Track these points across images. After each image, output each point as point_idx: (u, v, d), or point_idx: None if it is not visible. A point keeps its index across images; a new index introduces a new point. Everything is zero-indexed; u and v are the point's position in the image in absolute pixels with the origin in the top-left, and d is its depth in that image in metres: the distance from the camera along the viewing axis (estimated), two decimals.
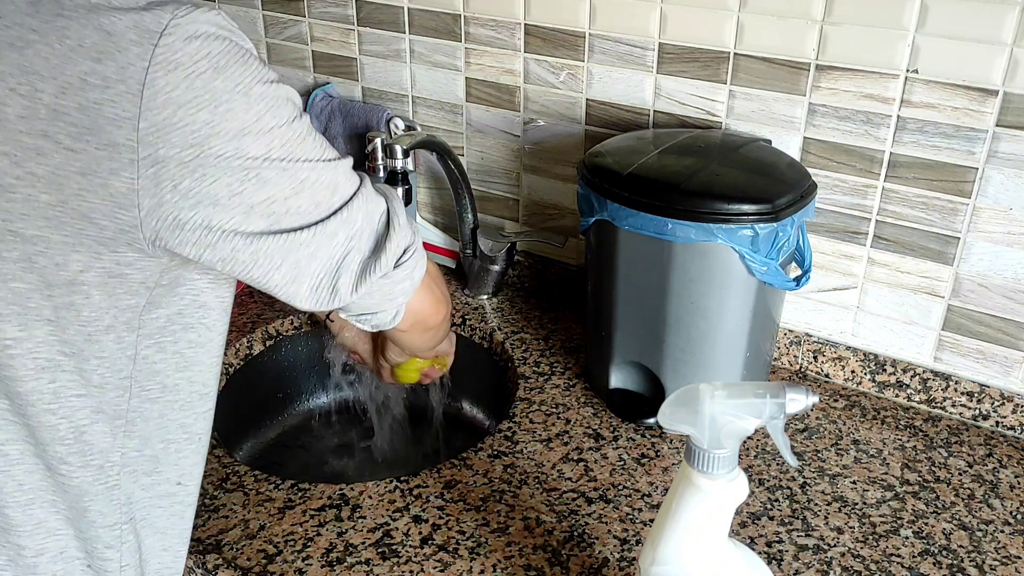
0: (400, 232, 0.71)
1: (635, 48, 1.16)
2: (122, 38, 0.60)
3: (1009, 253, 1.03)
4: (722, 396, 0.66)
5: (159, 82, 0.60)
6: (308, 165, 0.66)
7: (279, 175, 0.64)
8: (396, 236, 0.71)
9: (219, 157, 0.62)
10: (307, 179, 0.66)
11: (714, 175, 0.97)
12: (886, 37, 1.00)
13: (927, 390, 1.13)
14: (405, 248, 0.72)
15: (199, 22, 0.62)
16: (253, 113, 0.63)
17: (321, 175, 0.67)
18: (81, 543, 0.74)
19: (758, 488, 0.99)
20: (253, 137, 0.63)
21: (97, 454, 0.72)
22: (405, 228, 0.72)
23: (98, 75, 0.59)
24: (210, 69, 0.61)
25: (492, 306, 1.35)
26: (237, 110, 0.62)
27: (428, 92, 1.36)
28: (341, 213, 0.68)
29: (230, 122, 0.62)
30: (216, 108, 0.61)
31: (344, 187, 0.69)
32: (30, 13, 0.60)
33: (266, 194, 0.64)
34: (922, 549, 0.91)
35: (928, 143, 1.02)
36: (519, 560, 0.89)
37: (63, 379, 0.68)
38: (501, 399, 1.24)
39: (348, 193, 0.69)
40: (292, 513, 0.95)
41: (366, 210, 0.70)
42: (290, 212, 0.66)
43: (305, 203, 0.66)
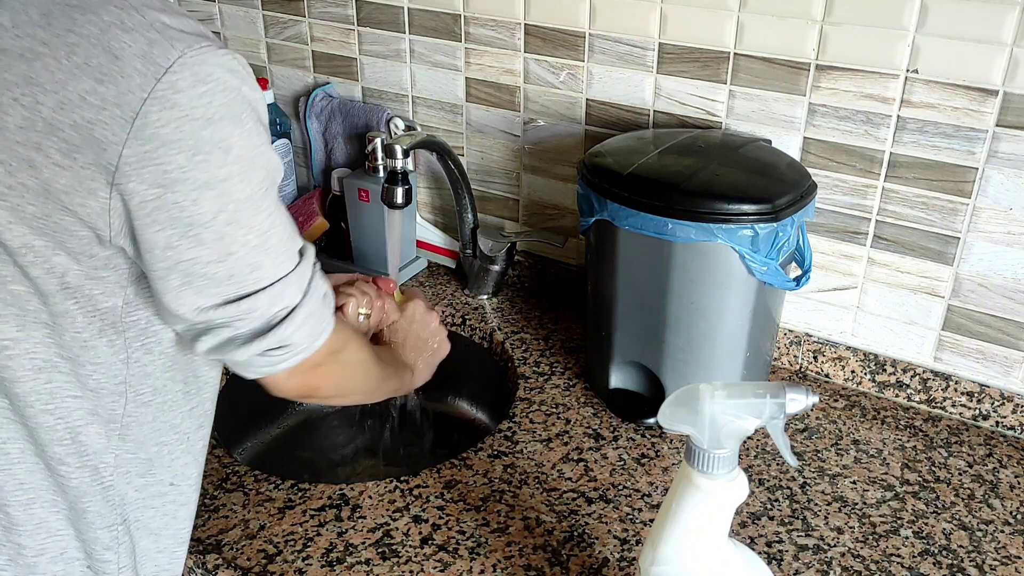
0: (287, 330, 0.70)
1: (635, 48, 1.16)
2: (128, 65, 0.60)
3: (1009, 253, 1.03)
4: (722, 396, 0.66)
5: (152, 116, 0.60)
6: (245, 239, 0.66)
7: (215, 240, 0.65)
8: (279, 333, 0.70)
9: (174, 205, 0.63)
10: (236, 253, 0.66)
11: (714, 175, 0.97)
12: (886, 37, 1.00)
13: (927, 390, 1.13)
14: (282, 345, 0.71)
15: (209, 64, 0.62)
16: (224, 171, 0.64)
17: (252, 256, 0.67)
18: (81, 544, 0.74)
19: (758, 488, 0.99)
20: (213, 195, 0.64)
21: (92, 455, 0.72)
22: (297, 327, 0.71)
23: (97, 95, 0.60)
24: (203, 118, 0.62)
25: (492, 306, 1.35)
26: (212, 163, 0.63)
27: (428, 92, 1.36)
28: (247, 300, 0.68)
29: (200, 172, 0.63)
30: (194, 156, 0.62)
31: (267, 271, 0.68)
32: (42, 25, 0.61)
33: (194, 254, 0.65)
34: (922, 549, 0.91)
35: (928, 143, 1.02)
36: (519, 560, 0.89)
37: (59, 380, 0.69)
38: (501, 399, 1.24)
39: (267, 279, 0.68)
40: (292, 513, 0.95)
41: (272, 298, 0.69)
42: (206, 276, 0.66)
43: (222, 273, 0.66)
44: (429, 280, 1.42)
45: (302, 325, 0.71)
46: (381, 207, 1.28)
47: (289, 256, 0.70)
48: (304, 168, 1.57)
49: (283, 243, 0.69)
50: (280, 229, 0.69)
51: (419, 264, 1.45)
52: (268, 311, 0.69)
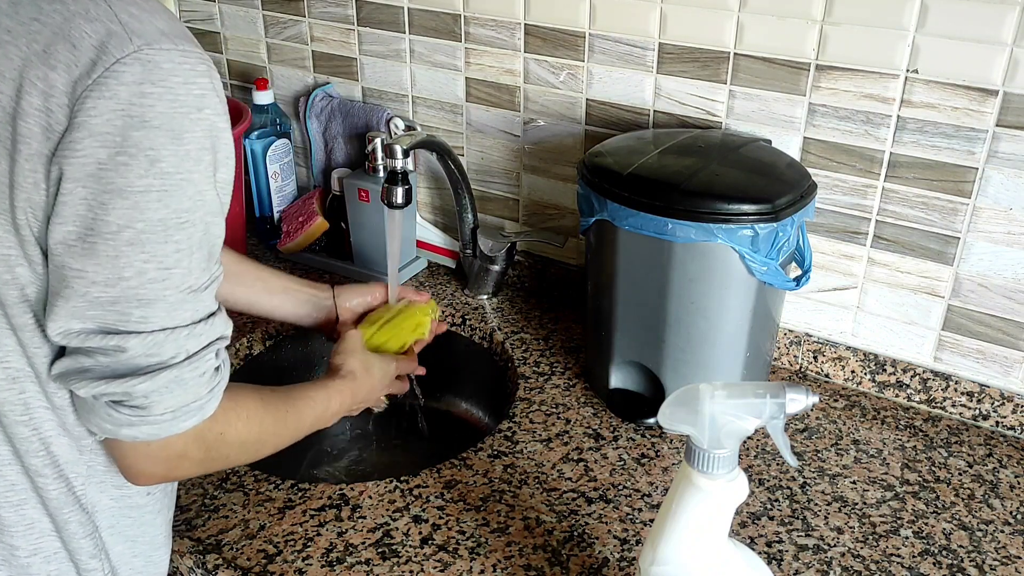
0: (148, 386, 0.63)
1: (635, 48, 1.16)
2: (83, 54, 0.58)
3: (1009, 253, 1.03)
4: (722, 396, 0.66)
5: (88, 102, 0.58)
6: (142, 267, 0.61)
7: (109, 258, 0.60)
8: (140, 387, 0.63)
9: (83, 201, 0.59)
10: (128, 280, 0.61)
11: (714, 175, 0.97)
12: (886, 37, 1.00)
13: (927, 390, 1.13)
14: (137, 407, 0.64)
15: (164, 69, 0.59)
16: (143, 183, 0.59)
17: (144, 288, 0.61)
18: (68, 552, 0.74)
19: (758, 488, 0.99)
20: (124, 205, 0.59)
21: (64, 465, 0.70)
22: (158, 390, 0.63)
23: (48, 82, 0.58)
24: (139, 118, 0.58)
25: (492, 306, 1.35)
26: (133, 169, 0.59)
27: (428, 92, 1.36)
28: (124, 337, 0.62)
29: (117, 176, 0.59)
30: (116, 155, 0.58)
31: (155, 318, 0.62)
32: (9, 13, 0.60)
33: (82, 266, 0.60)
34: (922, 549, 0.91)
35: (928, 143, 1.02)
36: (519, 560, 0.89)
37: (31, 391, 0.67)
38: (501, 399, 1.24)
39: (152, 325, 0.62)
40: (292, 513, 0.95)
41: (149, 347, 0.63)
42: (87, 297, 0.61)
43: (106, 298, 0.61)
44: (429, 280, 1.42)
45: (164, 390, 0.64)
46: (381, 207, 1.28)
47: (189, 310, 0.64)
48: (304, 168, 1.57)
49: (186, 292, 0.64)
50: (189, 276, 0.63)
51: (419, 264, 1.45)
52: (137, 359, 0.63)
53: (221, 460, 0.75)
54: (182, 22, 0.67)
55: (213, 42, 1.56)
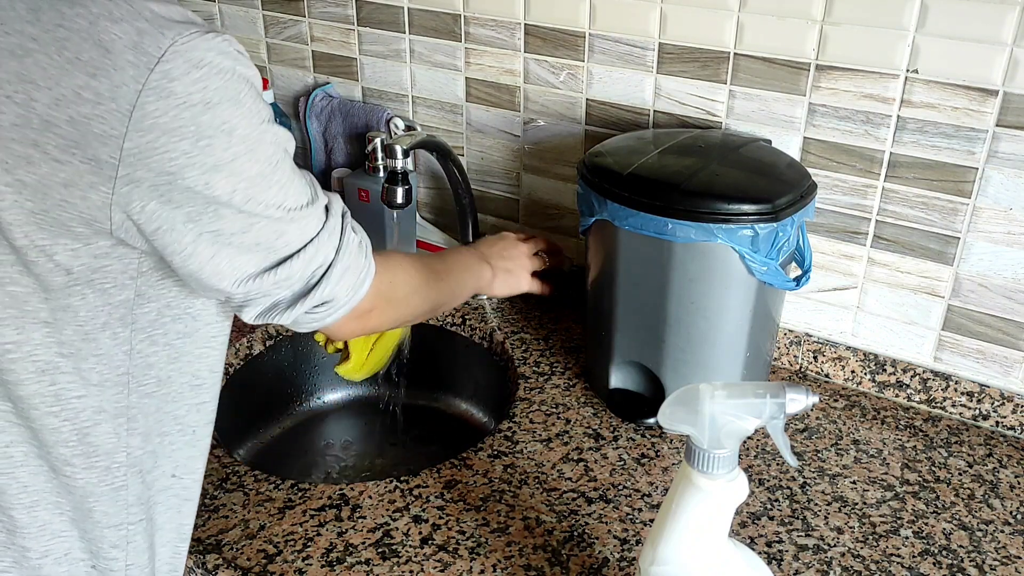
0: (327, 288, 0.73)
1: (635, 48, 1.16)
2: (120, 57, 0.60)
3: (1009, 253, 1.03)
4: (722, 396, 0.66)
5: (149, 106, 0.60)
6: (264, 212, 0.67)
7: (234, 215, 0.66)
8: (320, 292, 0.73)
9: (187, 189, 0.64)
10: (259, 225, 0.68)
11: (714, 175, 0.97)
12: (886, 37, 1.00)
13: (927, 390, 1.13)
14: (325, 301, 0.74)
15: (200, 50, 0.62)
16: (230, 153, 0.64)
17: (275, 225, 0.68)
18: (86, 544, 0.74)
19: (758, 488, 0.99)
20: (223, 176, 0.64)
21: (103, 455, 0.72)
22: (336, 282, 0.74)
23: (92, 90, 0.60)
24: (201, 103, 0.62)
25: (492, 306, 1.35)
26: (216, 147, 0.63)
27: (428, 92, 1.36)
28: (281, 267, 0.70)
29: (207, 157, 0.63)
30: (197, 141, 0.62)
31: (294, 237, 0.70)
32: (31, 21, 0.60)
33: (218, 226, 0.66)
34: (922, 549, 0.91)
35: (928, 143, 1.02)
36: (519, 560, 0.89)
37: (63, 381, 0.69)
38: (501, 399, 1.24)
39: (296, 244, 0.70)
40: (292, 513, 0.95)
41: (306, 260, 0.71)
42: (232, 244, 0.67)
43: (249, 241, 0.68)
44: None
45: (340, 280, 0.73)
46: (381, 207, 1.28)
47: (314, 218, 0.71)
48: (304, 168, 1.56)
49: (304, 208, 0.70)
50: (297, 196, 0.70)
51: None
52: (304, 273, 0.71)
53: (401, 304, 0.86)
54: None
55: None
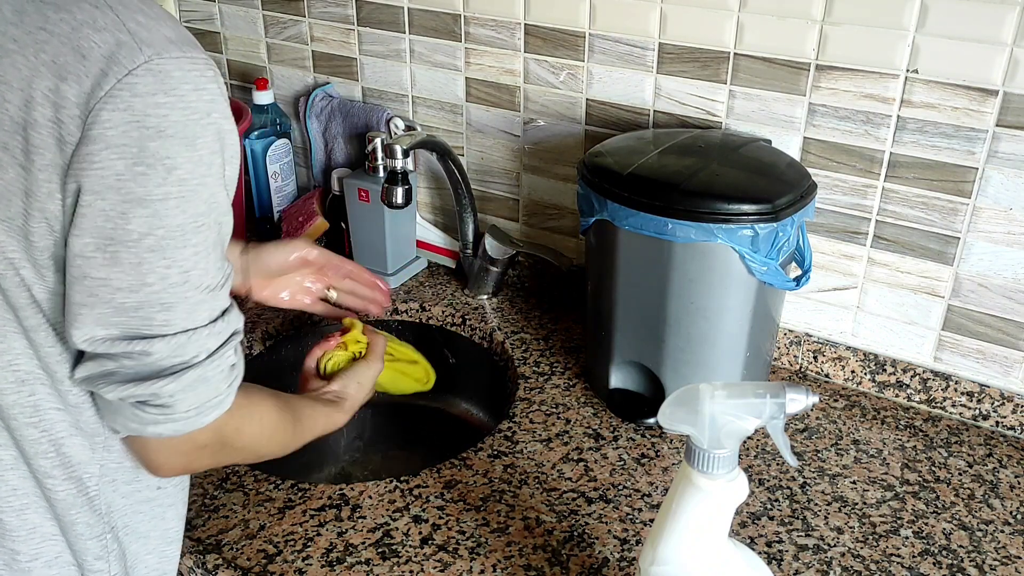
0: (173, 386, 0.64)
1: (635, 48, 1.16)
2: (93, 65, 0.58)
3: (1009, 253, 1.03)
4: (722, 396, 0.66)
5: (103, 115, 0.58)
6: (165, 272, 0.62)
7: (132, 265, 0.61)
8: (165, 387, 0.64)
9: (102, 212, 0.60)
10: (152, 286, 0.62)
11: (714, 175, 0.97)
12: (886, 37, 1.00)
13: (927, 390, 1.13)
14: (162, 405, 0.65)
15: (175, 77, 0.59)
16: (162, 192, 0.60)
17: (167, 292, 0.63)
18: (72, 554, 0.73)
19: (758, 488, 0.99)
20: (145, 213, 0.60)
21: (76, 466, 0.71)
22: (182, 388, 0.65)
23: (59, 94, 0.58)
24: (154, 129, 0.59)
25: (492, 306, 1.35)
26: (151, 179, 0.60)
27: (428, 92, 1.36)
28: (145, 342, 0.63)
29: (136, 186, 0.59)
30: (134, 166, 0.59)
31: (178, 318, 0.64)
32: (15, 23, 0.59)
33: (106, 275, 0.61)
34: (922, 549, 0.91)
35: (928, 143, 1.02)
36: (519, 560, 0.89)
37: (42, 392, 0.67)
38: (501, 399, 1.24)
39: (174, 327, 0.64)
40: (292, 513, 0.95)
41: (172, 349, 0.64)
42: (112, 303, 0.62)
43: (130, 304, 0.62)
44: (429, 280, 1.42)
45: (191, 388, 0.66)
46: (381, 207, 1.28)
47: (207, 309, 0.66)
48: (304, 168, 1.57)
49: (204, 292, 0.65)
50: (206, 276, 0.65)
51: (419, 264, 1.45)
52: (161, 361, 0.64)
53: (236, 453, 0.77)
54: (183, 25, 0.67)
55: (213, 42, 1.56)
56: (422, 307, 1.35)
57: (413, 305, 1.35)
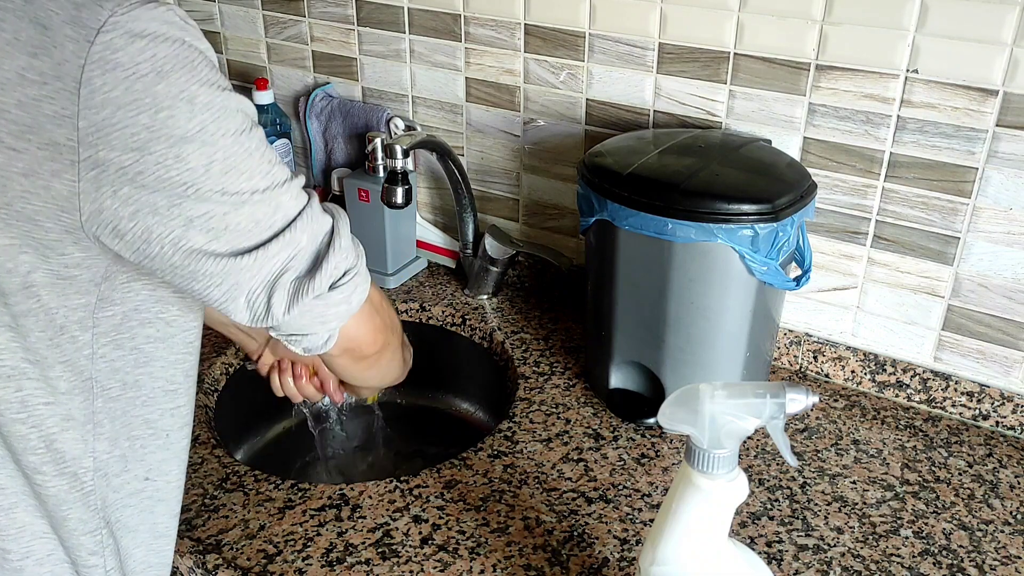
0: (340, 254, 0.69)
1: (635, 48, 1.16)
2: (57, 33, 0.57)
3: (1009, 253, 1.03)
4: (722, 396, 0.66)
5: (96, 81, 0.57)
6: (250, 183, 0.63)
7: (218, 193, 0.62)
8: (335, 257, 0.68)
9: (159, 165, 0.60)
10: (249, 200, 0.63)
11: (714, 175, 0.97)
12: (886, 37, 1.00)
13: (927, 390, 1.13)
14: (345, 271, 0.70)
15: (142, 20, 0.59)
16: (197, 122, 0.60)
17: (265, 197, 0.64)
18: (66, 550, 0.73)
19: (758, 488, 0.99)
20: (195, 147, 0.60)
21: (70, 461, 0.70)
22: (347, 250, 0.70)
23: (35, 71, 0.57)
24: (152, 72, 0.59)
25: (492, 306, 1.35)
26: (179, 117, 0.60)
27: (428, 92, 1.36)
28: (284, 235, 0.65)
29: (171, 129, 0.59)
30: (157, 114, 0.59)
31: (288, 206, 0.66)
32: None
33: (204, 208, 0.62)
34: (922, 549, 0.91)
35: (928, 143, 1.02)
36: (519, 560, 0.89)
37: (29, 387, 0.67)
38: (501, 399, 1.24)
39: (292, 213, 0.66)
40: (292, 513, 0.95)
41: (310, 230, 0.67)
42: (229, 228, 0.63)
43: (245, 220, 0.63)
44: (429, 280, 1.42)
45: (349, 242, 0.70)
46: (381, 207, 1.28)
47: (298, 188, 0.68)
48: (304, 168, 1.57)
49: (289, 179, 0.67)
50: (280, 166, 0.66)
51: (419, 264, 1.45)
52: (311, 244, 0.67)
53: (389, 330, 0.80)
54: None
55: (213, 42, 1.55)
56: (422, 307, 1.35)
57: (413, 305, 1.35)
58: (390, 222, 1.35)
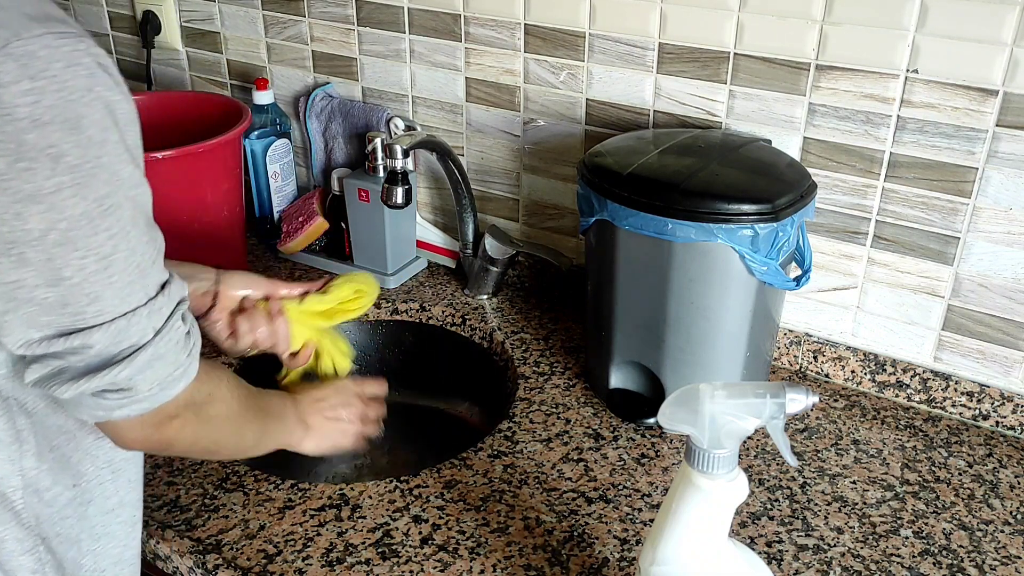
0: (124, 371, 0.62)
1: (635, 48, 1.16)
2: None
3: (1009, 253, 1.03)
4: (722, 396, 0.66)
5: None
6: (80, 263, 0.58)
7: (43, 262, 0.57)
8: (117, 373, 0.61)
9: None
10: (70, 279, 0.58)
11: (714, 175, 0.97)
12: (886, 37, 1.00)
13: (927, 390, 1.13)
14: (122, 388, 0.63)
15: (41, 58, 0.54)
16: (52, 183, 0.55)
17: (89, 282, 0.59)
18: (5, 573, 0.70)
19: (758, 488, 0.99)
20: (40, 209, 0.56)
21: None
22: (138, 370, 0.63)
23: None
24: (28, 119, 0.54)
25: (492, 306, 1.35)
26: (38, 173, 0.55)
27: (428, 92, 1.36)
28: (80, 335, 0.60)
29: (23, 183, 0.55)
30: (16, 163, 0.54)
31: (108, 305, 0.60)
32: None
33: (17, 276, 0.57)
34: (922, 549, 0.91)
35: (928, 143, 1.02)
36: (519, 560, 0.89)
37: None
38: (501, 399, 1.24)
39: (109, 314, 0.60)
40: (292, 513, 0.95)
41: (109, 338, 0.61)
42: (33, 302, 0.58)
43: (53, 300, 0.58)
44: (429, 280, 1.42)
45: (145, 368, 0.63)
46: (381, 207, 1.28)
47: (140, 288, 0.62)
48: (304, 168, 1.57)
49: (132, 272, 0.61)
50: (130, 256, 0.61)
51: (419, 264, 1.45)
52: (107, 350, 0.61)
53: (210, 424, 0.74)
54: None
55: (213, 42, 1.56)
56: (422, 307, 1.35)
57: (413, 305, 1.35)
58: (390, 222, 1.35)
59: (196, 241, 1.27)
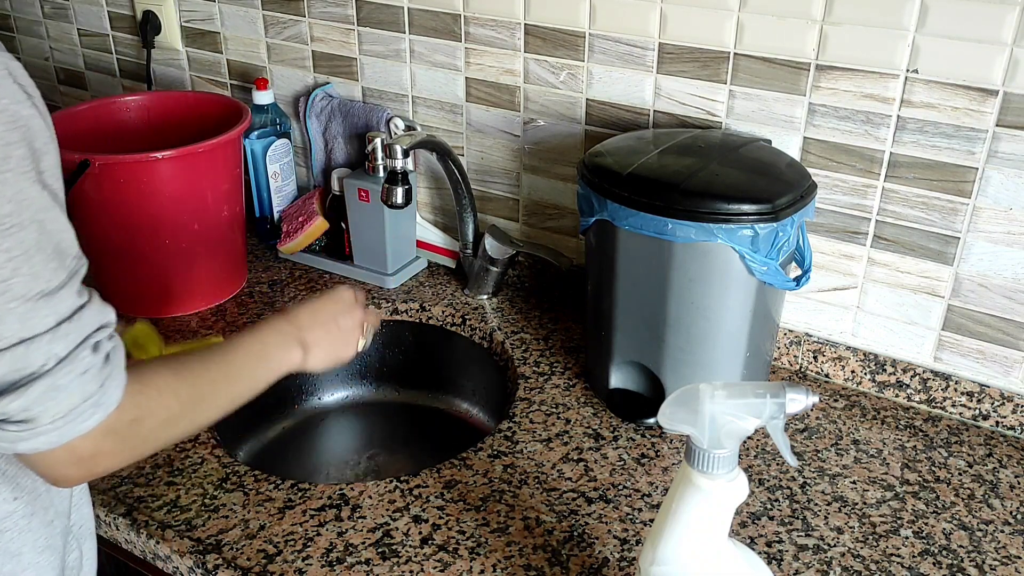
0: (16, 402, 0.58)
1: (635, 48, 1.16)
2: None
3: (1009, 253, 1.03)
4: (722, 396, 0.66)
5: None
6: None
7: None
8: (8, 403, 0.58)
9: None
10: None
11: (714, 175, 0.97)
12: (886, 37, 1.00)
13: (927, 390, 1.13)
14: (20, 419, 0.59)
15: None
16: None
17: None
18: None
19: (758, 488, 0.99)
20: None
21: None
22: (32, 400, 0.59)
23: None
24: None
25: (492, 306, 1.35)
26: None
27: (428, 92, 1.36)
28: None
29: None
30: None
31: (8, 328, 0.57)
32: None
33: None
34: (922, 549, 0.91)
35: (928, 143, 1.02)
36: (519, 560, 0.89)
37: None
38: (501, 399, 1.24)
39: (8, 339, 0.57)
40: (292, 513, 0.95)
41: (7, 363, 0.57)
42: None
43: None
44: (429, 280, 1.42)
45: (43, 400, 0.59)
46: (381, 207, 1.28)
47: (45, 314, 0.59)
48: (304, 168, 1.57)
49: (36, 299, 0.58)
50: (34, 282, 0.57)
51: (419, 264, 1.45)
52: (5, 377, 0.58)
53: (147, 443, 0.69)
54: None
55: (213, 42, 1.56)
56: (422, 307, 1.35)
57: (413, 305, 1.35)
58: (390, 222, 1.35)
59: (196, 241, 1.27)
